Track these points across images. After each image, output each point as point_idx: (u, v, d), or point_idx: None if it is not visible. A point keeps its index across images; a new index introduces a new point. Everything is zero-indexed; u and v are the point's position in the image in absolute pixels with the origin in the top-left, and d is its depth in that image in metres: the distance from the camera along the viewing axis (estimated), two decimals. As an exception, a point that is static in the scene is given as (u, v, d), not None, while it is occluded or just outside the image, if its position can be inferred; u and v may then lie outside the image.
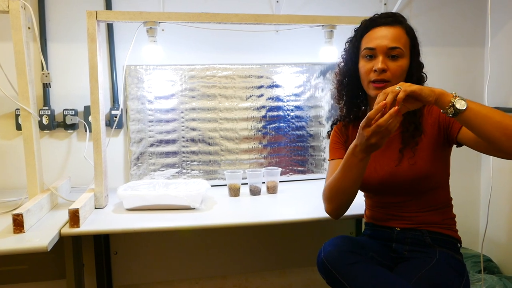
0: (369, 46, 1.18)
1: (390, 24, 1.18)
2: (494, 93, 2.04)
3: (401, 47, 1.17)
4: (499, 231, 2.07)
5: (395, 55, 1.16)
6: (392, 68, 1.16)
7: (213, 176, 1.95)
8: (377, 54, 1.17)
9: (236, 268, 1.99)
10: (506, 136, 0.97)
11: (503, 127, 0.97)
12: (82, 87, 1.82)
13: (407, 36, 1.19)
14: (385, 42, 1.16)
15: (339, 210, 1.23)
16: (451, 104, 1.00)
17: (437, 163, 1.18)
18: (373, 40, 1.18)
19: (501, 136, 0.97)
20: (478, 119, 0.99)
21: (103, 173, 1.54)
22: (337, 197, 1.20)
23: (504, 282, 1.80)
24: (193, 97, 1.92)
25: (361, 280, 1.02)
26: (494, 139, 0.99)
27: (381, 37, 1.17)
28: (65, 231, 1.30)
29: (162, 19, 1.52)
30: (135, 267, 1.90)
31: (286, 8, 1.97)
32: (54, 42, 1.82)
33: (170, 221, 1.41)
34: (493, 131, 0.98)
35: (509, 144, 0.97)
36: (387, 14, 1.21)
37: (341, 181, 1.17)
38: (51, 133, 1.85)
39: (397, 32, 1.18)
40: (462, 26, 2.15)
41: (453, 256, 1.18)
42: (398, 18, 1.20)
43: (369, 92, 1.21)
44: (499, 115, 0.99)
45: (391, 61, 1.16)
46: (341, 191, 1.18)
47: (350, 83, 1.27)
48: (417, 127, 1.19)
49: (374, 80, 1.17)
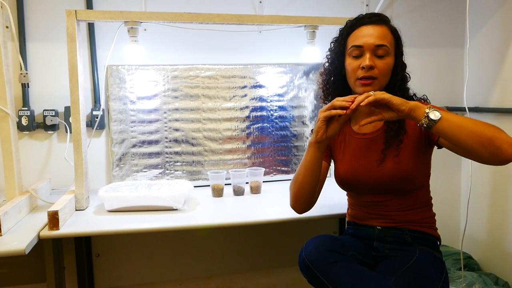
0: (356, 44, 1.19)
1: (376, 23, 1.20)
2: (473, 93, 2.08)
3: (387, 45, 1.18)
4: (479, 229, 2.11)
5: (381, 53, 1.18)
6: (379, 65, 1.18)
7: (196, 176, 1.94)
8: (364, 51, 1.19)
9: (220, 268, 1.99)
10: (480, 144, 0.99)
11: (477, 135, 1.00)
12: (62, 87, 1.79)
13: (392, 36, 1.21)
14: (372, 40, 1.18)
15: (300, 204, 1.26)
16: (426, 115, 1.03)
17: (419, 163, 1.20)
18: (360, 38, 1.19)
19: (476, 145, 1.00)
20: (453, 130, 1.02)
21: (83, 175, 1.52)
22: (296, 189, 1.24)
23: (484, 278, 1.83)
24: (176, 97, 1.90)
25: (341, 278, 1.03)
26: (470, 148, 1.01)
27: (368, 35, 1.18)
28: (44, 234, 1.28)
29: (144, 18, 1.51)
30: (117, 269, 1.88)
31: (269, 8, 1.97)
32: (34, 42, 1.79)
33: (152, 222, 1.40)
34: (468, 141, 1.00)
35: (484, 151, 1.00)
36: (373, 14, 1.23)
37: (300, 173, 1.22)
38: (30, 134, 1.82)
39: (383, 30, 1.19)
40: (442, 27, 2.18)
41: (432, 254, 1.20)
42: (383, 17, 1.23)
43: (356, 90, 1.22)
44: (473, 124, 1.01)
45: (377, 59, 1.18)
46: (299, 183, 1.23)
47: (336, 82, 1.28)
48: (401, 126, 1.20)
49: (361, 77, 1.18)
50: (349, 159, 1.27)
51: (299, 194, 1.24)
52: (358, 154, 1.26)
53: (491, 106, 2.01)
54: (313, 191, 1.24)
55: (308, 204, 1.27)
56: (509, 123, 1.89)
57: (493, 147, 0.99)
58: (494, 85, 2.00)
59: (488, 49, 2.03)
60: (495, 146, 0.99)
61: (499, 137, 1.00)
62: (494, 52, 1.99)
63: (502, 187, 1.96)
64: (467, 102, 1.82)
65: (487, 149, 0.99)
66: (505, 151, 0.99)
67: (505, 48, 1.92)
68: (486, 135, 1.00)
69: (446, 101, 2.19)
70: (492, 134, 1.00)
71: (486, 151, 1.00)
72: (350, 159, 1.27)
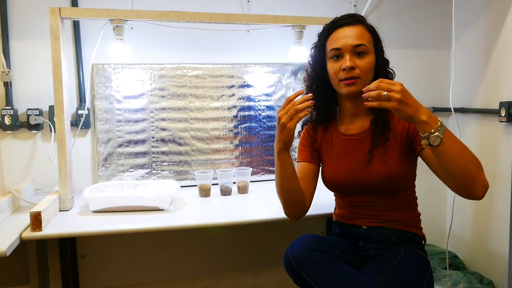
0: (335, 47, 1.20)
1: (351, 23, 1.21)
2: (458, 94, 2.10)
3: (366, 44, 1.19)
4: (464, 229, 2.13)
5: (361, 52, 1.18)
6: (360, 65, 1.18)
7: (183, 176, 1.92)
8: (343, 53, 1.19)
9: (208, 269, 1.98)
10: (462, 178, 1.02)
11: (464, 171, 1.01)
12: (46, 86, 1.76)
13: (370, 34, 1.22)
14: (350, 41, 1.18)
15: (292, 211, 1.25)
16: (427, 135, 0.99)
17: (406, 164, 1.20)
18: (337, 41, 1.20)
19: (458, 178, 1.02)
20: (446, 157, 1.00)
21: (67, 175, 1.50)
22: (281, 197, 1.23)
23: (469, 277, 1.85)
24: (163, 96, 1.89)
25: (326, 278, 1.03)
26: (451, 177, 1.04)
27: (345, 37, 1.19)
28: (27, 235, 1.26)
29: (129, 17, 1.49)
30: (103, 270, 1.86)
31: (257, 8, 1.97)
32: (17, 40, 1.76)
33: (138, 222, 1.39)
34: (454, 172, 1.01)
35: (461, 185, 1.03)
36: (348, 15, 1.24)
37: (277, 182, 1.22)
38: (14, 134, 1.78)
39: (360, 30, 1.20)
40: (429, 29, 2.20)
41: (417, 253, 1.21)
42: (358, 17, 1.23)
43: (340, 91, 1.22)
44: (464, 158, 1.01)
45: (358, 59, 1.18)
46: (280, 190, 1.22)
47: (319, 86, 1.28)
48: (386, 123, 1.21)
49: (344, 78, 1.19)
50: (335, 160, 1.27)
51: (286, 202, 1.23)
52: (344, 155, 1.26)
53: (476, 107, 2.04)
54: (299, 194, 1.22)
55: (300, 209, 1.25)
56: (493, 124, 1.92)
57: (469, 185, 1.02)
58: (479, 86, 2.02)
59: (474, 51, 2.05)
60: (472, 185, 1.02)
61: (478, 177, 1.02)
62: (480, 53, 2.01)
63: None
64: (453, 103, 1.84)
65: (464, 185, 1.03)
66: (477, 193, 1.03)
67: (490, 50, 1.95)
68: (470, 173, 1.01)
69: (432, 102, 2.21)
70: (474, 173, 1.01)
71: (462, 186, 1.03)
72: (337, 160, 1.27)
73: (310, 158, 1.32)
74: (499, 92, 1.89)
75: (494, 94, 1.93)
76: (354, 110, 1.26)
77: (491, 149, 1.95)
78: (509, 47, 1.83)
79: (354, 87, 1.18)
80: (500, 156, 1.90)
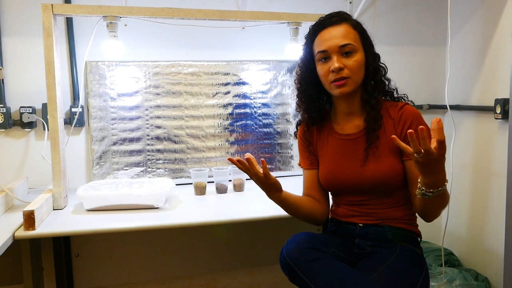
0: (321, 49, 1.19)
1: (336, 23, 1.19)
2: (454, 91, 2.10)
3: (352, 43, 1.18)
4: (460, 226, 2.14)
5: (348, 52, 1.17)
6: (348, 64, 1.17)
7: (179, 174, 1.91)
8: (330, 55, 1.18)
9: (203, 267, 1.97)
10: (426, 215, 1.16)
11: (433, 213, 1.13)
12: (39, 83, 1.74)
13: (355, 31, 1.20)
14: (335, 42, 1.17)
15: (313, 222, 1.33)
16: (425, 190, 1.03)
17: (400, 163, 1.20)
18: (323, 43, 1.19)
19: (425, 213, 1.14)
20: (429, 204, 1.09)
21: (61, 173, 1.48)
22: (299, 219, 1.32)
23: (464, 274, 1.86)
24: (158, 94, 1.87)
25: (321, 276, 1.02)
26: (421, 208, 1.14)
27: (330, 38, 1.18)
28: (20, 234, 1.25)
29: (123, 13, 1.48)
30: (98, 269, 1.85)
31: (252, 4, 1.96)
32: (9, 37, 1.74)
33: (132, 221, 1.38)
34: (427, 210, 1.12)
35: (421, 215, 1.18)
36: (331, 15, 1.23)
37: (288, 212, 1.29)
38: (6, 132, 1.77)
39: (345, 29, 1.19)
40: (425, 26, 2.20)
41: (413, 250, 1.20)
42: (343, 15, 1.22)
43: (332, 92, 1.22)
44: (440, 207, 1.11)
45: (345, 58, 1.17)
46: (294, 217, 1.31)
47: (308, 88, 1.27)
48: (377, 120, 1.20)
49: (334, 80, 1.18)
50: (331, 160, 1.27)
51: (305, 220, 1.31)
52: (340, 155, 1.26)
53: (472, 104, 2.04)
54: (310, 216, 1.29)
55: (322, 216, 1.31)
56: (488, 121, 1.92)
57: (426, 218, 1.17)
58: (475, 83, 2.02)
59: (469, 48, 2.05)
60: (429, 220, 1.17)
61: (435, 217, 1.15)
62: (475, 50, 2.01)
63: (482, 184, 1.99)
64: (448, 100, 1.84)
65: (423, 216, 1.17)
66: (428, 221, 1.17)
67: (485, 47, 1.95)
68: (437, 214, 1.14)
69: (428, 99, 2.21)
70: (438, 214, 1.14)
71: (421, 216, 1.18)
72: (333, 160, 1.26)
73: (309, 164, 1.33)
74: (495, 89, 1.89)
75: (489, 91, 1.93)
76: (348, 109, 1.26)
77: (487, 146, 1.95)
78: (504, 44, 1.83)
79: (345, 87, 1.18)
80: (495, 153, 1.90)
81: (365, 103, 1.22)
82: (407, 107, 1.22)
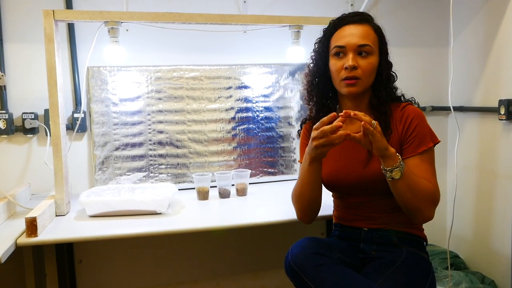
0: (339, 44, 1.18)
1: (358, 22, 1.19)
2: (457, 93, 2.09)
3: (370, 44, 1.17)
4: (465, 228, 2.12)
5: (364, 52, 1.17)
6: (362, 65, 1.17)
7: (181, 179, 1.91)
8: (347, 51, 1.17)
9: (207, 272, 1.96)
10: (406, 209, 1.14)
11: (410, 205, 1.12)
12: (41, 89, 1.74)
13: (375, 34, 1.20)
14: (354, 40, 1.16)
15: (306, 216, 1.25)
16: (390, 169, 1.08)
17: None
18: (342, 38, 1.18)
19: (404, 207, 1.13)
20: (400, 191, 1.10)
21: (63, 179, 1.48)
22: (299, 202, 1.23)
23: (470, 277, 1.84)
24: (160, 99, 1.87)
25: (327, 282, 1.01)
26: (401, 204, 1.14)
27: (350, 35, 1.17)
28: (22, 241, 1.24)
29: (124, 18, 1.48)
30: (101, 275, 1.84)
31: (253, 8, 1.95)
32: (11, 43, 1.74)
33: (135, 227, 1.37)
34: (404, 202, 1.12)
35: (405, 210, 1.14)
36: (355, 13, 1.22)
37: (299, 186, 1.21)
38: (9, 138, 1.76)
39: (366, 29, 1.18)
40: (427, 27, 2.19)
41: (419, 255, 1.19)
42: (366, 16, 1.22)
43: (341, 90, 1.21)
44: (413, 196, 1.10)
45: (361, 59, 1.17)
46: (300, 196, 1.22)
47: (320, 82, 1.27)
48: (388, 126, 1.20)
49: (345, 78, 1.17)
50: (334, 160, 1.26)
51: (307, 208, 1.24)
52: (344, 155, 1.25)
53: (475, 105, 2.02)
54: (319, 201, 1.23)
55: (316, 213, 1.26)
56: (492, 122, 1.90)
57: (411, 214, 1.14)
58: (478, 84, 2.01)
59: (472, 48, 2.04)
60: (413, 214, 1.14)
61: (423, 213, 1.12)
62: (478, 51, 2.00)
63: (487, 186, 1.97)
64: (452, 102, 1.82)
65: (407, 211, 1.14)
66: (416, 221, 1.16)
67: (488, 47, 1.94)
68: (417, 207, 1.11)
69: (431, 101, 2.19)
70: (421, 208, 1.11)
71: (406, 211, 1.15)
72: (335, 160, 1.25)
73: None
74: (498, 90, 1.88)
75: (493, 92, 1.91)
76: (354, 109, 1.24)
77: (491, 147, 1.94)
78: (508, 44, 1.82)
79: (354, 87, 1.17)
80: (500, 154, 1.88)
81: (374, 108, 1.21)
82: (409, 107, 1.22)
